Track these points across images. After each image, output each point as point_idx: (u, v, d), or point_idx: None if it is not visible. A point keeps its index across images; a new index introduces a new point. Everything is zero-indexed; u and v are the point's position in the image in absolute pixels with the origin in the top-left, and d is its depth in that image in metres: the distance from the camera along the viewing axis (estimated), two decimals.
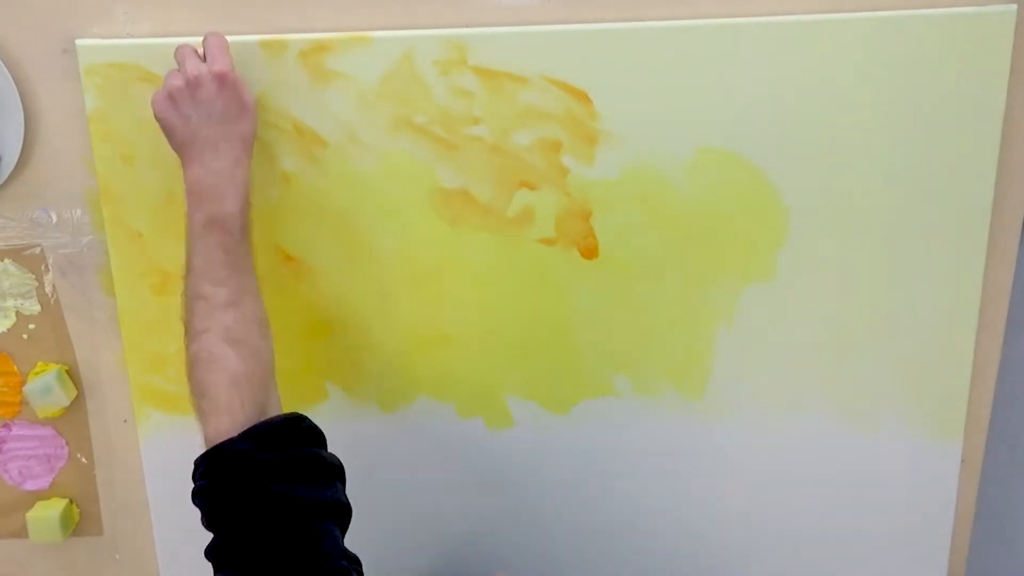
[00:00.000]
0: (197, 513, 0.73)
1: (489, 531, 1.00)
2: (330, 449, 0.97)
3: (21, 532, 0.99)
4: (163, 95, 0.77)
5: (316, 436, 0.75)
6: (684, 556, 1.00)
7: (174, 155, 0.86)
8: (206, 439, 0.72)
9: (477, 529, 1.00)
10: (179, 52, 0.79)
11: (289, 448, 0.72)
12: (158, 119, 0.78)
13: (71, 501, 1.00)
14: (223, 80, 0.76)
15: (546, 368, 0.94)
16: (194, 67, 0.77)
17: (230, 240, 0.76)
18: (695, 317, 0.92)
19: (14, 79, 0.84)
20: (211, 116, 0.76)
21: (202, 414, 0.73)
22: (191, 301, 0.75)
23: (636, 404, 0.95)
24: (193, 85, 0.76)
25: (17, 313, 0.93)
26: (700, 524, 0.99)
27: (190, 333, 0.75)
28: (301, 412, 0.75)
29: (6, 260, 0.91)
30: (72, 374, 0.95)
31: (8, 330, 0.94)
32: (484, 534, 1.00)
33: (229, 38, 0.83)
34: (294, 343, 0.92)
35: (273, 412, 0.74)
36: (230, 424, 0.71)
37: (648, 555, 1.01)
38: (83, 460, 0.98)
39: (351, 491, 0.98)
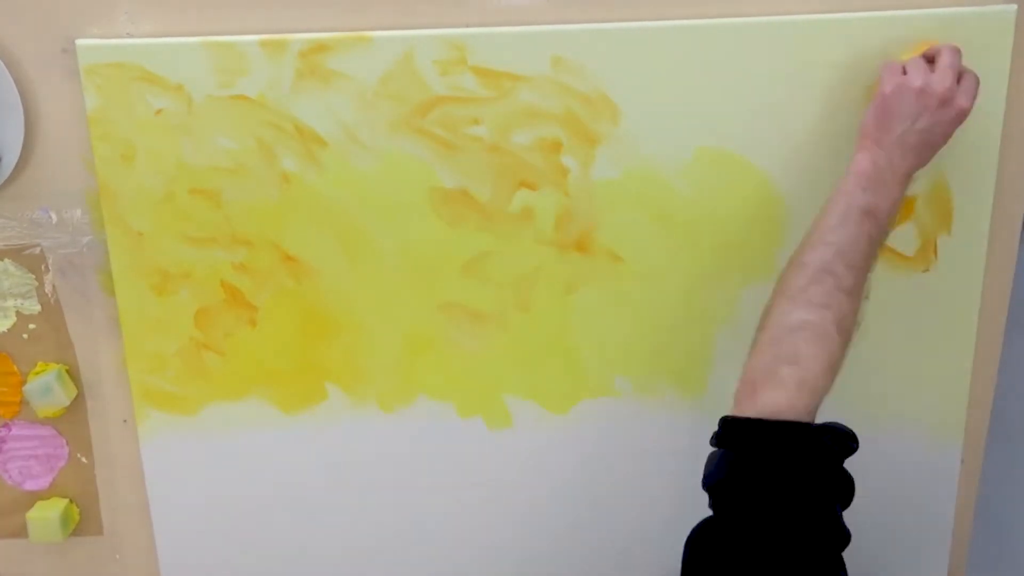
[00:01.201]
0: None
1: (489, 531, 1.00)
2: (330, 449, 0.98)
3: (21, 532, 0.99)
4: (907, 83, 0.78)
5: (853, 453, 0.75)
6: None
7: (174, 155, 0.86)
8: (772, 404, 0.71)
9: (477, 529, 1.00)
10: (947, 56, 0.79)
11: (843, 459, 0.73)
12: (883, 94, 0.78)
13: (71, 501, 1.00)
14: (960, 117, 0.78)
15: (546, 368, 0.94)
16: (952, 89, 0.77)
17: (877, 236, 0.76)
18: (695, 317, 0.92)
19: (14, 79, 0.84)
20: (928, 132, 0.78)
21: (778, 381, 0.71)
22: (819, 272, 0.74)
23: (636, 404, 0.95)
24: (942, 102, 0.77)
25: (17, 313, 0.93)
26: None
27: (801, 299, 0.73)
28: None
29: (6, 260, 0.91)
30: (72, 374, 0.95)
31: (8, 330, 0.94)
32: (484, 534, 1.00)
33: (229, 38, 0.83)
34: (294, 343, 0.92)
35: None
36: (807, 406, 0.71)
37: (648, 555, 1.01)
38: (83, 460, 0.98)
39: (351, 491, 0.99)
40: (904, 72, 0.79)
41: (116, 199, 0.88)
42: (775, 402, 0.70)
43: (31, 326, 0.94)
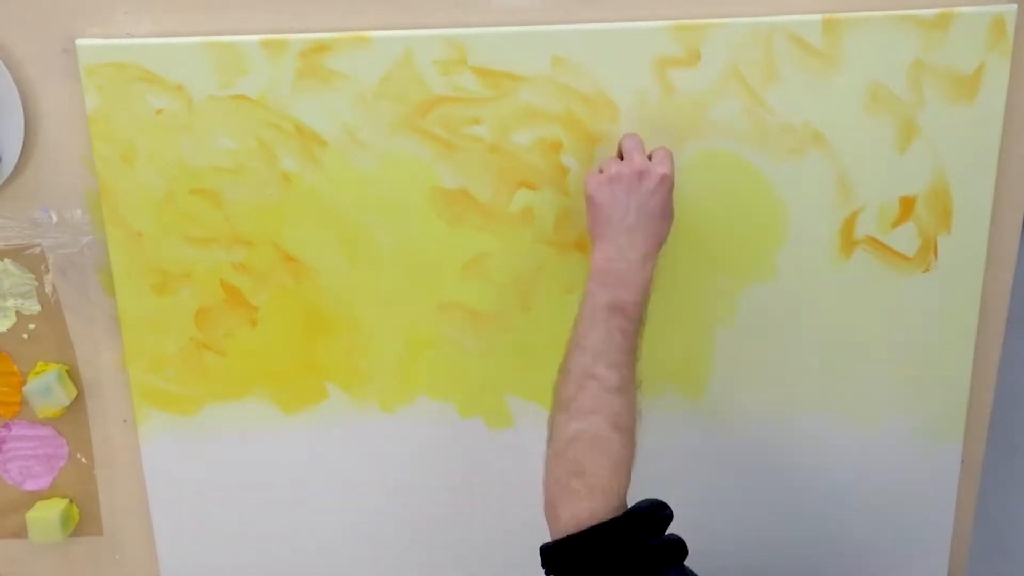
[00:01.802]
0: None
1: (489, 531, 1.00)
2: (330, 449, 0.98)
3: (21, 532, 0.99)
4: (603, 178, 0.80)
5: (669, 521, 0.75)
6: None
7: (174, 155, 0.86)
8: (573, 519, 0.72)
9: (477, 529, 1.00)
10: (630, 140, 0.82)
11: (658, 534, 0.73)
12: (589, 196, 0.81)
13: (71, 501, 1.00)
14: (664, 181, 0.79)
15: (546, 368, 0.93)
16: (643, 162, 0.80)
17: (630, 327, 0.77)
18: (695, 317, 0.92)
19: (14, 79, 0.84)
20: (642, 209, 0.79)
21: (571, 494, 0.72)
22: (582, 379, 0.76)
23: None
24: (638, 177, 0.79)
25: (17, 313, 0.93)
26: (700, 524, 0.99)
27: (575, 411, 0.75)
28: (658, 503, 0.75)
29: (6, 260, 0.91)
30: (72, 374, 0.95)
31: (8, 330, 0.94)
32: (484, 534, 1.00)
33: (229, 38, 0.83)
34: (294, 343, 0.92)
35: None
36: (606, 508, 0.71)
37: None
38: (83, 460, 0.98)
39: (351, 491, 0.99)
40: (600, 171, 0.81)
41: (116, 199, 0.88)
42: (576, 516, 0.72)
43: (31, 326, 0.94)
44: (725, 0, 0.83)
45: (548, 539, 0.74)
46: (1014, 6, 0.83)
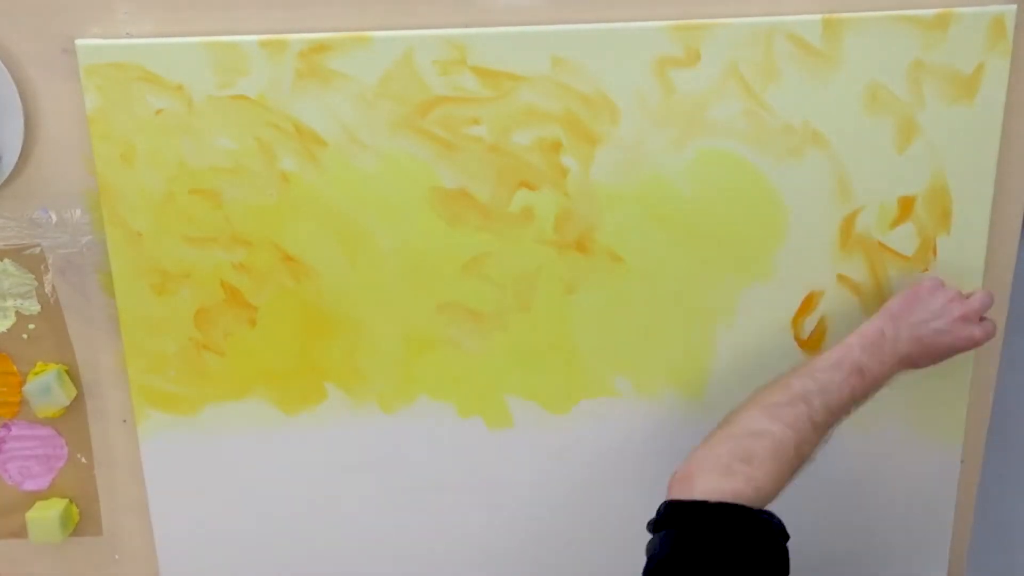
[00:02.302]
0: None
1: (489, 531, 0.99)
2: (330, 449, 0.98)
3: (21, 532, 0.99)
4: (951, 293, 0.85)
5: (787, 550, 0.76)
6: None
7: (174, 155, 0.86)
8: (715, 491, 0.73)
9: (477, 529, 1.00)
10: (982, 299, 0.86)
11: (783, 546, 0.75)
12: (915, 290, 0.86)
13: (71, 501, 1.00)
14: (970, 339, 0.85)
15: (546, 368, 0.94)
16: (973, 308, 0.85)
17: (860, 393, 0.82)
18: (695, 317, 0.92)
19: (14, 79, 0.84)
20: (940, 334, 0.84)
21: (727, 472, 0.74)
22: (797, 398, 0.78)
23: (636, 404, 0.95)
24: (954, 302, 0.85)
25: (17, 313, 0.93)
26: None
27: (773, 413, 0.77)
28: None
29: (6, 260, 0.91)
30: (72, 374, 0.95)
31: (8, 330, 0.94)
32: (484, 534, 1.00)
33: (229, 38, 0.83)
34: (294, 343, 0.92)
35: None
36: (751, 499, 0.73)
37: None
38: (83, 460, 0.98)
39: (351, 491, 0.98)
40: (943, 284, 0.86)
41: (116, 199, 0.88)
42: (719, 488, 0.73)
43: (31, 326, 0.94)
44: (725, 0, 0.83)
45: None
46: (1014, 6, 0.83)
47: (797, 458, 0.77)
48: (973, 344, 0.84)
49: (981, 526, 1.03)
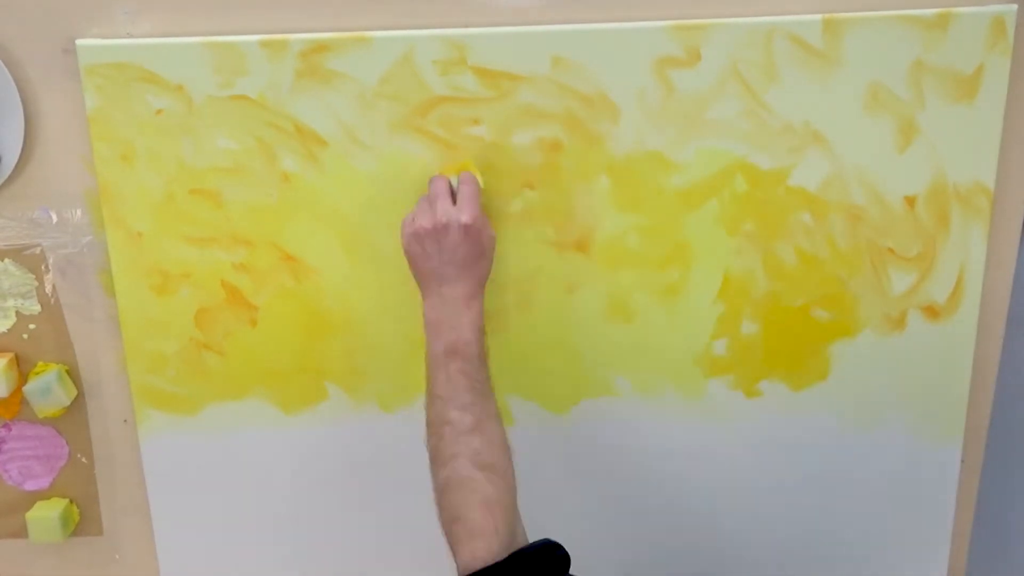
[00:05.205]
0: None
1: None
2: (330, 449, 0.98)
3: (21, 532, 0.99)
4: (410, 231, 0.81)
5: (567, 562, 0.74)
6: (684, 556, 1.00)
7: (174, 155, 0.86)
8: (461, 565, 0.72)
9: None
10: (434, 186, 0.83)
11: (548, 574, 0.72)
12: (404, 249, 0.82)
13: (71, 501, 1.00)
14: (467, 230, 0.80)
15: (546, 368, 0.94)
16: (444, 213, 0.80)
17: (470, 367, 0.78)
18: (695, 316, 0.92)
19: (14, 79, 0.84)
20: (453, 259, 0.80)
21: (455, 539, 0.73)
22: (438, 427, 0.77)
23: (636, 404, 0.95)
24: (441, 231, 0.80)
25: (17, 313, 0.93)
26: (700, 524, 1.00)
27: (439, 459, 0.76)
28: (552, 540, 0.74)
29: (6, 260, 0.91)
30: (72, 374, 0.95)
31: (8, 330, 0.94)
32: None
33: (229, 38, 0.83)
34: (294, 343, 0.92)
35: (521, 536, 0.74)
36: (486, 549, 0.71)
37: (648, 555, 1.01)
38: (83, 460, 0.98)
39: (351, 491, 0.98)
40: (413, 220, 0.82)
41: (116, 199, 0.88)
42: (463, 561, 0.72)
43: (31, 326, 0.94)
44: (725, 0, 0.83)
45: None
46: (1014, 6, 0.83)
47: (484, 468, 0.74)
48: (472, 226, 0.80)
49: (981, 526, 1.03)
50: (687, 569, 1.01)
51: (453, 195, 0.82)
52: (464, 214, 0.80)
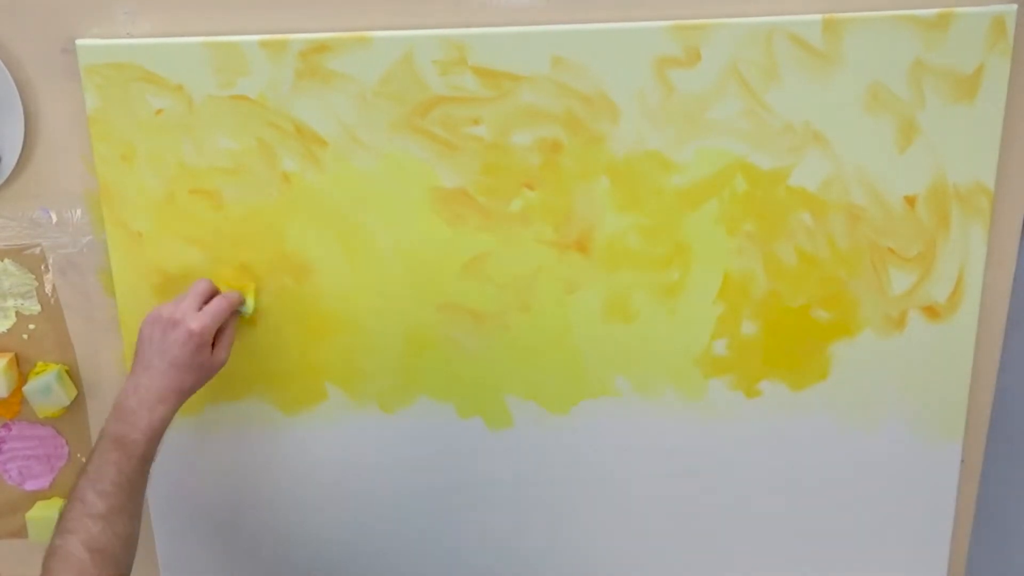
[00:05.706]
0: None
1: (489, 531, 1.00)
2: (330, 449, 0.98)
3: (21, 532, 0.99)
4: (153, 313, 0.84)
5: None
6: (684, 556, 1.00)
7: (174, 155, 0.86)
8: None
9: (477, 529, 1.00)
10: (194, 286, 0.86)
11: None
12: (139, 326, 0.84)
13: None
14: (191, 336, 0.82)
15: (546, 368, 0.94)
16: (182, 311, 0.83)
17: (127, 464, 0.79)
18: (695, 316, 0.92)
19: (14, 79, 0.84)
20: (165, 355, 0.82)
21: None
22: (72, 499, 0.78)
23: (636, 404, 0.95)
24: (169, 324, 0.82)
25: (17, 313, 0.93)
26: (700, 524, 1.00)
27: (60, 526, 0.76)
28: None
29: (6, 260, 0.91)
30: (72, 374, 0.95)
31: (8, 330, 0.94)
32: (484, 534, 1.00)
33: (229, 38, 0.83)
34: (294, 343, 0.92)
35: None
36: None
37: (649, 555, 1.01)
38: (83, 460, 0.98)
39: (351, 491, 0.98)
40: (163, 305, 0.84)
41: (116, 199, 0.88)
42: None
43: (31, 326, 0.94)
44: (725, 0, 0.83)
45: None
46: (1014, 6, 0.83)
47: (93, 552, 0.74)
48: (195, 336, 0.82)
49: (981, 526, 1.03)
50: (687, 569, 1.01)
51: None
52: (196, 322, 0.82)
